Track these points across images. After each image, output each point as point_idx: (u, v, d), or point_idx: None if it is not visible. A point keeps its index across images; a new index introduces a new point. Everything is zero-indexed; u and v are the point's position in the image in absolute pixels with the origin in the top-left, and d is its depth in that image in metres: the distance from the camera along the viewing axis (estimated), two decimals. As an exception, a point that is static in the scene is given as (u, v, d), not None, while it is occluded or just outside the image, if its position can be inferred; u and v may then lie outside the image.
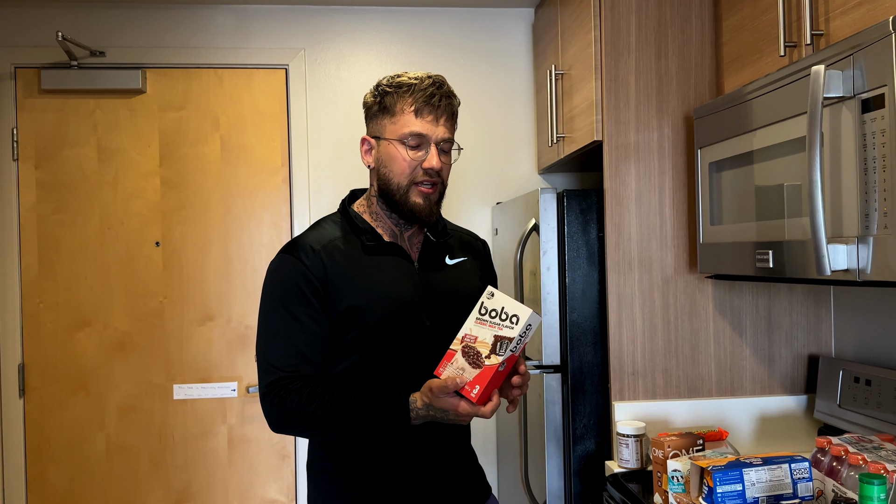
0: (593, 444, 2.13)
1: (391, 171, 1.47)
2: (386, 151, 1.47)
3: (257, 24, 2.87)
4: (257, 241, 2.88)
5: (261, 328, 1.46)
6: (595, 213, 2.14)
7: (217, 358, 2.86)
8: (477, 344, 1.31)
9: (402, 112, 1.46)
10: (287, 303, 1.43)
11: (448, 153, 1.51)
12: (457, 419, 1.33)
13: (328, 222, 1.55)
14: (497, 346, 1.29)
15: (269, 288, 1.47)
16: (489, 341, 1.30)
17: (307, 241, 1.48)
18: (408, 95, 1.45)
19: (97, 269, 2.81)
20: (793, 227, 1.53)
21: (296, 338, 1.42)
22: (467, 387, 1.29)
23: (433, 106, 1.46)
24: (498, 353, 1.29)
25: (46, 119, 2.79)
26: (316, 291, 1.43)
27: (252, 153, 2.88)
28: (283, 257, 1.47)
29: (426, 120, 1.45)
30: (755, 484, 1.45)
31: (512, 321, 1.30)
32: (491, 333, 1.31)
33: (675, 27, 2.12)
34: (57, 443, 2.78)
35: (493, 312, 1.32)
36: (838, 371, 1.95)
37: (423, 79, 1.47)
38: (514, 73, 2.98)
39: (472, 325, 1.33)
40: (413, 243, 1.55)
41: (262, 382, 1.43)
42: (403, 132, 1.45)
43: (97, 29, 2.80)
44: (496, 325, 1.31)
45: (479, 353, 1.30)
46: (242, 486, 2.86)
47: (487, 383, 1.28)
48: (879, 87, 1.26)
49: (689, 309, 2.12)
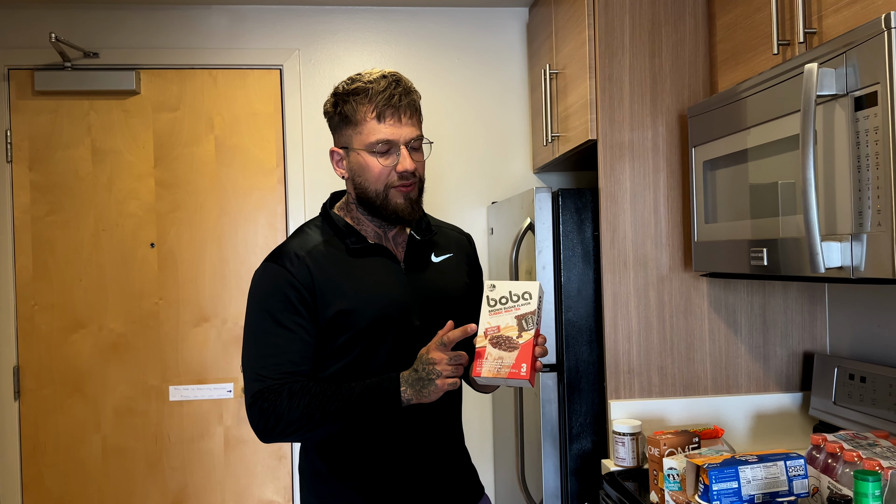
0: (589, 443, 2.14)
1: (366, 180, 1.45)
2: (357, 162, 1.45)
3: (251, 25, 2.87)
4: (252, 241, 2.88)
5: (247, 338, 1.45)
6: (590, 212, 2.14)
7: (213, 359, 2.85)
8: (503, 331, 1.34)
9: (364, 120, 1.43)
10: (273, 311, 1.41)
11: (419, 150, 1.48)
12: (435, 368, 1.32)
13: (311, 227, 1.53)
14: (524, 323, 1.34)
15: (254, 297, 1.45)
16: (513, 324, 1.34)
17: (291, 248, 1.46)
18: (366, 101, 1.42)
19: (92, 271, 2.80)
20: (787, 225, 1.54)
21: (283, 346, 1.40)
22: (513, 370, 1.32)
23: (394, 107, 1.42)
24: (527, 329, 1.33)
25: (40, 120, 2.79)
26: (302, 298, 1.41)
27: (247, 154, 2.88)
28: (268, 266, 1.45)
29: (390, 123, 1.42)
30: (751, 481, 1.46)
31: (525, 298, 1.34)
32: (511, 316, 1.35)
33: (668, 26, 2.12)
34: (52, 445, 2.77)
35: (504, 299, 1.36)
36: (833, 368, 1.96)
37: (377, 80, 1.43)
38: (509, 73, 2.98)
39: (488, 318, 1.36)
40: (398, 243, 1.54)
41: (248, 392, 1.41)
42: (370, 141, 1.42)
43: (91, 30, 2.79)
44: (513, 308, 1.35)
45: (509, 338, 1.34)
46: (239, 488, 2.86)
47: (531, 358, 1.33)
48: (872, 84, 1.27)
49: (684, 307, 2.12)
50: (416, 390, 1.35)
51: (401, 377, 1.37)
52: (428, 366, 1.33)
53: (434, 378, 1.33)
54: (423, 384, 1.34)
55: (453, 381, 1.33)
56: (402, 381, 1.36)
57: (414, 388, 1.35)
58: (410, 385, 1.35)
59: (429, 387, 1.33)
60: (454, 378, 1.33)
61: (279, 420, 1.37)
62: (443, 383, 1.33)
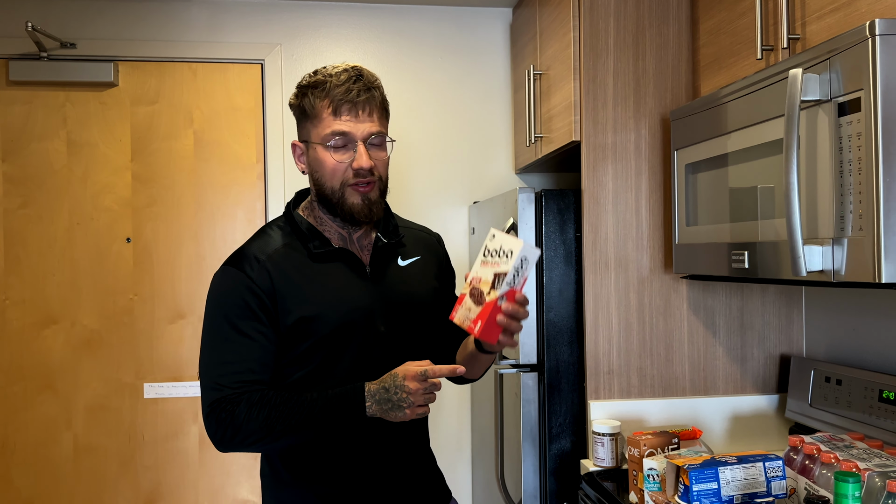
0: (569, 443, 2.14)
1: (322, 176, 1.41)
2: (314, 156, 1.42)
3: (232, 18, 2.83)
4: (230, 237, 2.85)
5: (205, 345, 1.39)
6: (572, 213, 2.15)
7: (188, 356, 2.81)
8: (481, 284, 1.34)
9: (321, 113, 1.39)
10: (232, 317, 1.36)
11: (381, 146, 1.43)
12: (409, 398, 1.30)
13: (273, 229, 1.48)
14: (495, 282, 1.32)
15: (213, 302, 1.40)
16: (489, 279, 1.33)
17: (251, 252, 1.41)
18: (323, 95, 1.38)
19: (65, 266, 2.75)
20: (768, 229, 1.55)
21: (243, 354, 1.35)
22: (471, 324, 1.32)
23: (351, 102, 1.38)
24: (495, 288, 1.31)
25: (14, 111, 2.73)
26: (263, 304, 1.36)
27: (226, 149, 2.85)
28: (227, 270, 1.40)
29: (345, 119, 1.38)
30: (730, 482, 1.47)
31: (507, 255, 1.32)
32: (491, 271, 1.33)
33: (652, 29, 2.14)
34: (22, 443, 2.71)
35: (494, 252, 1.34)
36: (809, 371, 1.99)
37: (338, 74, 1.39)
38: (492, 73, 2.98)
39: (478, 267, 1.36)
40: (363, 245, 1.50)
41: (205, 401, 1.35)
42: (325, 133, 1.39)
43: (68, 20, 2.74)
44: (495, 263, 1.34)
45: (481, 292, 1.33)
46: (214, 487, 2.82)
47: (487, 318, 1.31)
48: (856, 90, 1.28)
49: (664, 309, 2.14)
50: (382, 409, 1.32)
51: (366, 390, 1.33)
52: (401, 391, 1.30)
53: (405, 406, 1.31)
54: (391, 406, 1.31)
55: (423, 409, 1.32)
56: (367, 395, 1.32)
57: (381, 407, 1.32)
58: (378, 403, 1.32)
59: (397, 412, 1.31)
60: (424, 407, 1.32)
61: (237, 431, 1.32)
62: (412, 412, 1.31)
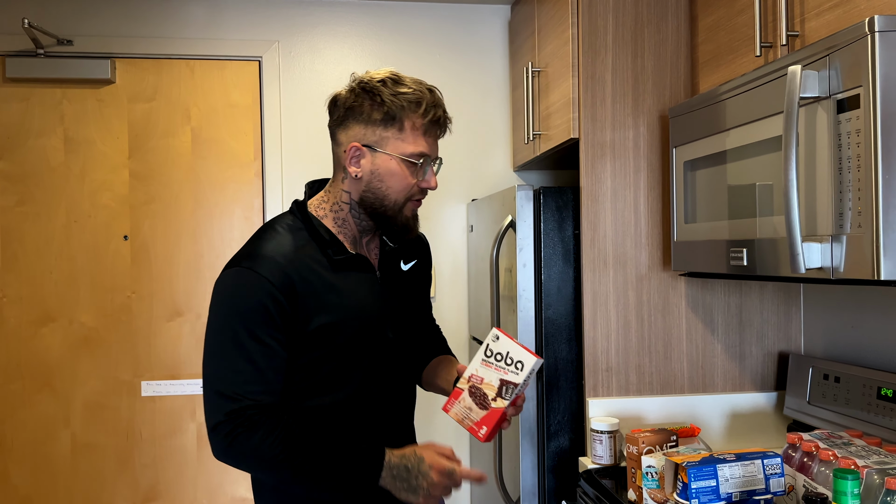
0: (567, 441, 2.14)
1: (389, 188, 1.38)
2: (386, 166, 1.37)
3: (230, 15, 2.83)
4: (228, 235, 2.84)
5: (215, 351, 1.31)
6: (571, 211, 2.15)
7: (186, 354, 2.81)
8: (483, 385, 1.36)
9: (411, 129, 1.36)
10: (249, 323, 1.28)
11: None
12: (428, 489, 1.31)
13: (284, 228, 1.40)
14: (503, 390, 1.35)
15: (225, 306, 1.31)
16: (495, 384, 1.35)
17: (267, 253, 1.33)
18: (419, 112, 1.36)
19: (63, 263, 2.74)
20: (766, 226, 1.55)
21: (260, 362, 1.28)
22: (475, 426, 1.36)
23: (440, 125, 1.40)
24: (504, 397, 1.35)
25: (11, 108, 2.72)
26: (282, 310, 1.30)
27: (223, 146, 2.84)
28: (242, 272, 1.31)
29: (429, 140, 1.39)
30: (729, 479, 1.47)
31: (517, 367, 1.35)
32: (497, 377, 1.36)
33: (651, 26, 2.13)
34: (20, 441, 2.71)
35: (499, 356, 1.37)
36: (808, 368, 1.98)
37: (425, 92, 1.38)
38: (490, 70, 2.97)
39: (479, 366, 1.38)
40: (370, 249, 1.48)
41: (218, 409, 1.28)
42: (411, 151, 1.36)
43: (65, 17, 2.73)
44: (502, 370, 1.36)
45: (485, 395, 1.36)
46: (212, 485, 2.82)
47: (494, 425, 1.35)
48: (855, 87, 1.28)
49: (663, 306, 2.13)
50: (395, 486, 1.31)
51: (386, 461, 1.30)
52: (423, 479, 1.30)
53: (419, 494, 1.31)
54: (406, 487, 1.31)
55: (434, 502, 1.33)
56: (386, 466, 1.30)
57: (395, 483, 1.31)
58: (394, 478, 1.30)
59: (409, 494, 1.31)
60: (436, 500, 1.34)
61: (245, 454, 1.28)
62: (425, 501, 1.32)
